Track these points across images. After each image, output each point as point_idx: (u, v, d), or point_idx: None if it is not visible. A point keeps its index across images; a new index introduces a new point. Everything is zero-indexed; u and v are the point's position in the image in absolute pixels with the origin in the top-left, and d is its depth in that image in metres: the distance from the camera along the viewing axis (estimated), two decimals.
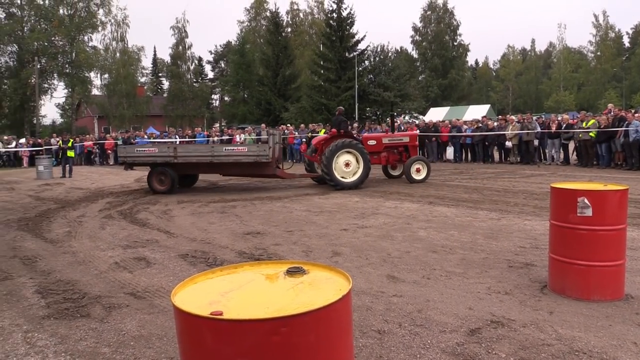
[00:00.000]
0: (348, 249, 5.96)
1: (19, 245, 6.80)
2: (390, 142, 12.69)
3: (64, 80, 43.84)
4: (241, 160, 11.65)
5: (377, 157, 12.60)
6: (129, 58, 43.10)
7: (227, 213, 8.89)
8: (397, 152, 12.80)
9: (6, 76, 42.47)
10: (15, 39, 41.20)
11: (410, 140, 12.78)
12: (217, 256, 5.75)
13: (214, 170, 12.31)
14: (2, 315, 4.16)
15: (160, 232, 7.34)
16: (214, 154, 11.77)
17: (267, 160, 11.49)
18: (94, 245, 6.61)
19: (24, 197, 12.31)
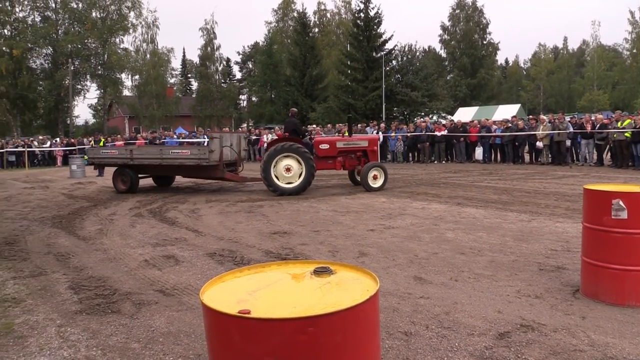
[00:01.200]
0: (375, 249, 5.93)
1: (53, 242, 7.00)
2: (345, 146, 11.76)
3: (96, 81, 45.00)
4: (185, 163, 11.96)
5: (331, 162, 11.79)
6: (158, 59, 43.89)
7: (254, 212, 8.96)
8: (355, 157, 11.85)
9: (41, 78, 43.81)
10: (50, 41, 42.45)
11: (369, 144, 11.80)
12: (244, 255, 5.80)
13: (165, 171, 12.92)
14: (37, 309, 4.29)
15: (189, 231, 7.45)
16: (163, 156, 12.16)
17: (207, 164, 11.66)
18: (124, 243, 6.76)
19: (58, 195, 12.67)
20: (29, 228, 8.15)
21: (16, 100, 41.11)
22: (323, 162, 11.78)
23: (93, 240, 7.01)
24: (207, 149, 11.84)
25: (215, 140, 12.03)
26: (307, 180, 11.13)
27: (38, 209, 10.32)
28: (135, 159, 12.45)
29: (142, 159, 12.42)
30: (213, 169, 11.94)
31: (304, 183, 11.14)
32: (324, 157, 11.73)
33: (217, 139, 12.06)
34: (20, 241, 7.12)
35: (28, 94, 41.20)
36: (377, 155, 11.82)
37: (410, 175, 14.92)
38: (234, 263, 5.49)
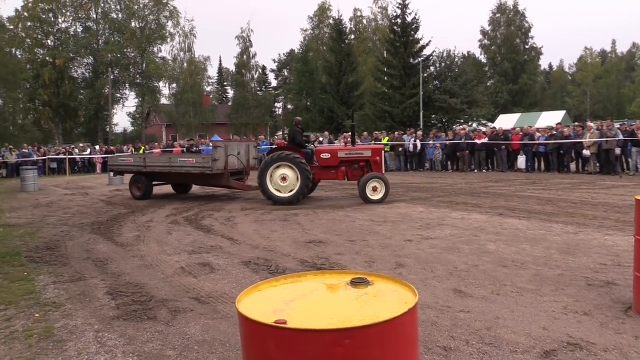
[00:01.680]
0: (412, 260, 5.85)
1: (92, 248, 7.22)
2: (347, 156, 11.53)
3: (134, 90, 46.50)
4: (191, 171, 12.46)
5: (334, 172, 11.67)
6: (195, 68, 44.91)
7: (289, 221, 9.01)
8: (358, 167, 11.58)
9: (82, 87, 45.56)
10: (91, 51, 44.15)
11: (373, 154, 11.44)
12: (279, 264, 5.83)
13: (175, 179, 13.54)
14: (76, 314, 4.43)
15: (224, 239, 7.55)
16: (172, 164, 12.76)
17: (210, 172, 12.02)
18: (161, 250, 6.90)
19: (97, 202, 13.08)
20: (69, 234, 8.44)
21: (58, 108, 42.89)
22: (326, 172, 11.73)
23: (131, 247, 7.19)
24: (211, 158, 12.25)
25: (219, 149, 12.41)
26: (301, 190, 11.16)
27: (78, 215, 10.68)
28: (148, 167, 13.17)
29: (153, 166, 13.11)
30: (218, 177, 12.35)
31: (298, 193, 11.18)
32: (327, 167, 11.67)
33: (220, 148, 12.46)
34: (60, 247, 7.38)
35: (70, 102, 42.90)
36: (381, 166, 11.42)
37: (449, 185, 14.70)
38: (269, 272, 5.53)
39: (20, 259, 6.64)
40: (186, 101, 43.52)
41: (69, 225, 9.42)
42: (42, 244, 7.64)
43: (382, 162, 11.47)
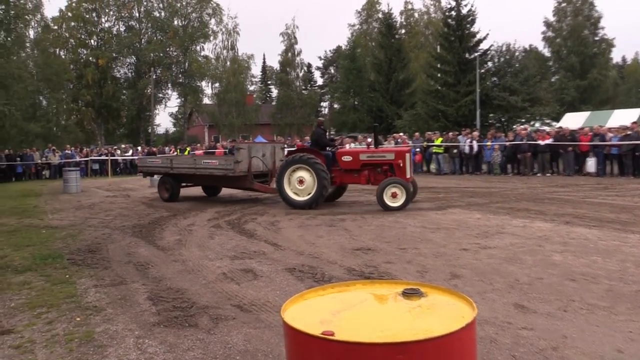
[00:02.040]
0: (469, 271, 5.72)
1: (133, 252, 7.46)
2: (369, 158, 11.50)
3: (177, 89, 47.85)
4: (214, 173, 12.94)
5: (356, 176, 11.68)
6: (238, 66, 45.72)
7: (336, 227, 9.01)
8: (381, 171, 11.46)
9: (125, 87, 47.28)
10: (133, 50, 45.78)
11: (396, 157, 11.27)
12: (325, 272, 5.83)
13: (201, 181, 14.13)
14: (116, 319, 4.57)
15: (268, 244, 7.63)
16: (196, 166, 13.28)
17: (232, 174, 12.41)
18: (202, 255, 7.05)
19: (139, 205, 13.51)
20: (110, 236, 8.75)
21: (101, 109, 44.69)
22: (348, 176, 11.79)
23: (172, 251, 7.38)
24: (233, 160, 12.58)
25: (242, 151, 12.72)
26: (318, 193, 11.29)
27: (119, 218, 11.06)
28: (175, 168, 13.76)
29: (180, 168, 13.69)
30: (241, 179, 12.72)
31: (314, 197, 11.33)
32: (348, 170, 11.71)
33: (243, 149, 12.77)
34: (102, 249, 7.66)
35: (112, 103, 44.61)
36: (404, 171, 11.20)
37: (509, 189, 14.33)
38: (314, 280, 5.54)
39: (62, 261, 6.93)
40: (229, 101, 44.35)
41: (111, 227, 9.77)
42: (83, 246, 7.95)
43: (406, 165, 11.28)
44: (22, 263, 6.87)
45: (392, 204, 10.81)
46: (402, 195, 10.77)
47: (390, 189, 10.87)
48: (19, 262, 6.92)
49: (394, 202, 10.84)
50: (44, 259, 7.05)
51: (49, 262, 6.84)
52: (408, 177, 11.27)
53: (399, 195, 10.81)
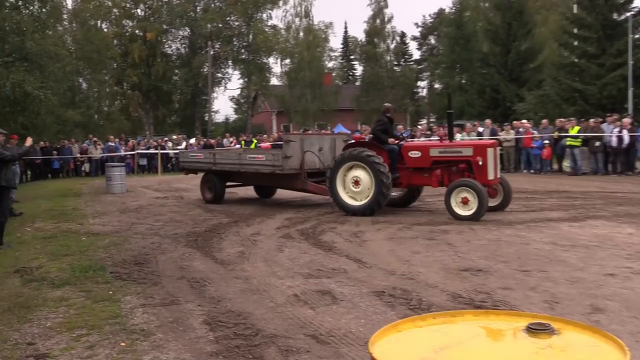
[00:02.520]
0: (616, 304, 5.49)
1: (187, 265, 7.76)
2: (442, 154, 11.54)
3: (239, 68, 49.14)
4: (260, 170, 13.50)
5: (426, 176, 11.76)
6: (314, 38, 46.32)
7: (436, 240, 8.93)
8: (457, 170, 11.40)
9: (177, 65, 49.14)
10: (187, 21, 47.48)
11: (475, 153, 11.12)
12: (422, 297, 5.80)
13: (248, 179, 14.74)
14: (167, 345, 4.78)
15: (350, 260, 7.68)
16: (241, 161, 13.91)
17: (280, 172, 12.91)
18: (270, 271, 7.22)
19: (193, 208, 14.04)
20: (160, 246, 9.16)
21: (149, 92, 46.80)
22: (416, 176, 11.90)
23: (233, 266, 7.61)
24: (281, 155, 12.84)
25: (292, 144, 12.90)
26: (376, 198, 11.50)
27: (171, 224, 11.55)
28: (218, 164, 14.34)
29: (223, 164, 14.24)
30: (291, 178, 13.13)
31: (372, 202, 11.56)
32: (417, 168, 11.83)
33: (294, 142, 12.96)
34: (150, 261, 8.03)
35: (162, 85, 46.60)
36: (485, 171, 11.03)
37: None
38: (408, 307, 5.52)
39: (105, 274, 7.34)
40: (302, 81, 45.00)
41: (161, 235, 10.22)
42: (129, 257, 8.38)
43: (488, 163, 11.06)
44: (60, 275, 7.35)
45: (461, 212, 10.79)
46: (474, 202, 10.63)
47: (459, 192, 10.83)
48: (56, 275, 7.41)
49: (463, 210, 10.80)
50: (84, 271, 7.49)
51: (90, 275, 7.27)
52: (491, 179, 11.10)
53: (470, 202, 10.70)
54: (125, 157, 28.54)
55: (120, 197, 17.33)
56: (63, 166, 28.50)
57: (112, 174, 19.37)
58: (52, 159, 27.67)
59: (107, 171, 20.00)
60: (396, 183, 11.93)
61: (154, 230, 10.80)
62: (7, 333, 5.25)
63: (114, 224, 11.82)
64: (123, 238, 10.05)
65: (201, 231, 10.52)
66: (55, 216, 13.37)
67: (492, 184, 11.23)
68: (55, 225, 11.99)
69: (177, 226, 11.25)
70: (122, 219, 12.51)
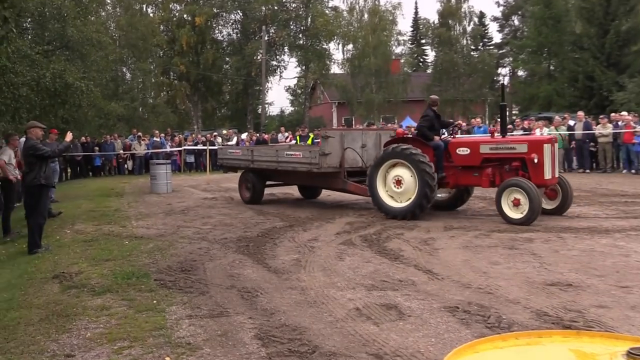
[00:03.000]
0: None
1: (237, 273, 7.87)
2: (493, 151, 11.66)
3: (296, 54, 49.42)
4: (297, 168, 13.97)
5: (476, 176, 11.92)
6: (380, 21, 46.20)
7: (519, 249, 8.80)
8: (510, 168, 11.52)
9: (228, 53, 49.81)
10: (239, 4, 48.09)
11: (530, 149, 11.17)
12: (502, 315, 5.72)
13: (288, 178, 15.36)
14: None
15: (419, 271, 7.64)
16: (279, 159, 14.42)
17: (317, 170, 13.24)
18: (328, 282, 7.24)
19: (245, 210, 14.22)
20: (208, 252, 9.32)
21: (197, 83, 47.64)
22: (465, 175, 12.10)
23: (287, 275, 7.67)
24: (319, 152, 13.11)
25: (331, 140, 13.14)
26: (419, 200, 11.69)
27: (220, 227, 11.74)
28: (256, 162, 14.89)
29: (261, 161, 14.78)
30: (330, 178, 13.48)
31: (414, 204, 11.76)
32: (465, 167, 12.03)
33: (333, 138, 13.18)
34: (198, 268, 8.18)
35: (212, 74, 47.34)
36: (541, 169, 11.08)
37: None
38: (486, 325, 5.46)
39: (149, 281, 7.51)
40: (366, 69, 44.98)
41: (209, 240, 10.40)
42: (175, 263, 8.55)
43: (544, 161, 11.08)
44: (101, 282, 7.56)
45: (511, 215, 10.99)
46: (526, 203, 10.75)
47: (510, 193, 10.99)
48: (97, 281, 7.63)
49: (513, 212, 10.99)
50: (127, 277, 7.69)
51: (133, 283, 7.46)
52: (547, 179, 11.14)
53: (522, 204, 10.79)
54: (171, 154, 29.08)
55: (165, 198, 17.71)
56: (105, 163, 29.32)
57: (157, 172, 19.78)
58: (94, 155, 28.47)
59: (152, 169, 20.39)
60: (442, 183, 12.08)
61: (201, 235, 11.00)
62: (45, 343, 5.44)
63: (158, 227, 12.09)
64: (168, 242, 10.27)
65: (253, 236, 10.65)
66: (96, 218, 13.78)
67: (549, 184, 11.30)
68: (96, 227, 12.35)
69: (226, 230, 11.42)
70: (168, 222, 12.78)
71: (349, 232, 10.73)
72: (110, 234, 11.48)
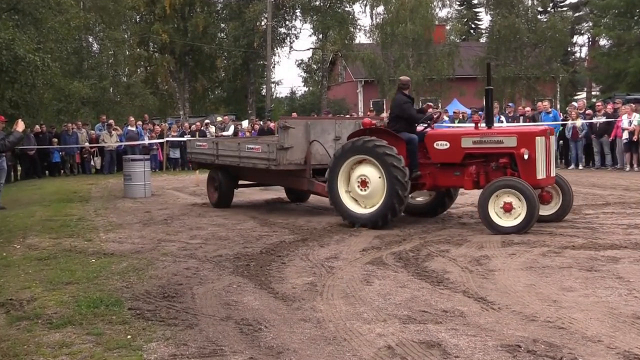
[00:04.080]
0: None
1: (234, 300, 7.82)
2: (477, 145, 12.07)
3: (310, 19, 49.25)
4: (257, 165, 14.70)
5: (458, 175, 12.34)
6: None
7: (600, 272, 8.74)
8: (497, 166, 11.95)
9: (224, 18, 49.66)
10: None
11: (520, 143, 11.54)
12: (577, 356, 5.68)
13: (253, 177, 16.23)
14: None
15: (469, 298, 7.58)
16: (241, 154, 15.03)
17: (275, 167, 13.88)
18: (352, 312, 7.20)
19: (245, 220, 14.22)
20: (197, 273, 9.30)
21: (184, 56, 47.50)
22: (444, 174, 12.51)
23: (299, 303, 7.63)
24: (274, 145, 13.48)
25: (292, 131, 13.45)
26: (389, 200, 12.01)
27: (213, 242, 11.76)
28: (220, 157, 15.42)
29: (224, 156, 15.29)
30: (292, 177, 13.99)
31: (385, 206, 12.09)
32: (444, 164, 12.45)
33: (294, 129, 13.48)
34: (184, 294, 8.15)
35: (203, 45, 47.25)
36: (533, 167, 11.49)
37: None
38: None
39: (121, 311, 7.48)
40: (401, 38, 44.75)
41: (198, 258, 10.39)
42: (155, 287, 8.53)
43: (537, 157, 11.36)
44: (60, 312, 7.53)
45: (502, 223, 11.37)
46: (522, 208, 11.09)
47: (499, 196, 11.35)
48: (55, 311, 7.59)
49: (504, 219, 11.39)
50: (93, 306, 7.65)
51: (101, 313, 7.42)
52: (541, 179, 11.44)
53: (515, 209, 11.07)
54: (150, 148, 29.09)
55: (143, 204, 17.75)
56: (66, 160, 29.33)
57: (132, 171, 19.84)
58: (51, 149, 28.45)
59: (126, 167, 20.44)
60: (418, 184, 12.36)
61: (189, 251, 10.99)
62: None
63: (134, 241, 12.10)
64: (146, 261, 10.25)
65: (255, 253, 10.63)
66: (54, 229, 13.80)
67: (542, 184, 11.57)
68: (54, 241, 12.35)
69: (221, 245, 11.42)
70: (146, 235, 12.80)
71: (379, 248, 10.68)
72: (72, 250, 11.46)
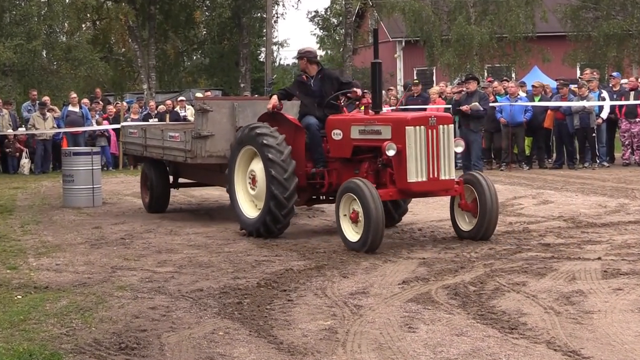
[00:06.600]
0: None
1: (220, 354, 7.79)
2: (363, 137, 13.15)
3: None
4: (177, 158, 15.83)
5: (357, 174, 13.23)
6: None
7: None
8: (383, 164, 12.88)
9: None
10: None
11: (393, 134, 12.48)
12: None
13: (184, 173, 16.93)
14: None
15: (555, 352, 7.53)
16: (164, 144, 15.60)
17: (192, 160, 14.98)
18: None
19: (235, 238, 14.17)
20: (168, 315, 9.30)
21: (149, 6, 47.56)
22: (346, 173, 13.39)
23: (312, 357, 7.61)
24: (189, 131, 14.41)
25: (212, 115, 14.24)
26: (266, 208, 13.18)
27: (190, 270, 11.78)
28: (148, 147, 16.51)
29: (151, 146, 16.39)
30: (214, 172, 14.98)
31: (262, 214, 13.35)
32: (343, 160, 13.54)
33: (213, 112, 14.25)
34: (149, 345, 8.13)
35: None
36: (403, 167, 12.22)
37: None
38: None
39: None
40: None
41: (170, 293, 10.40)
42: (107, 335, 8.49)
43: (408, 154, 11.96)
44: None
45: (350, 237, 12.54)
46: (361, 219, 12.04)
47: (347, 203, 12.18)
48: None
49: (351, 232, 12.53)
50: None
51: None
52: (413, 182, 12.07)
53: (358, 219, 12.21)
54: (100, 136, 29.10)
55: (91, 216, 17.78)
56: None
57: (75, 169, 19.72)
58: None
59: (66, 164, 20.34)
60: (317, 183, 13.14)
61: (156, 283, 11.00)
62: None
63: (77, 270, 12.10)
64: (96, 298, 10.24)
65: (250, 286, 10.63)
66: None
67: (415, 190, 12.25)
68: None
69: (202, 275, 11.42)
70: (95, 260, 12.80)
71: (426, 280, 10.68)
72: None
